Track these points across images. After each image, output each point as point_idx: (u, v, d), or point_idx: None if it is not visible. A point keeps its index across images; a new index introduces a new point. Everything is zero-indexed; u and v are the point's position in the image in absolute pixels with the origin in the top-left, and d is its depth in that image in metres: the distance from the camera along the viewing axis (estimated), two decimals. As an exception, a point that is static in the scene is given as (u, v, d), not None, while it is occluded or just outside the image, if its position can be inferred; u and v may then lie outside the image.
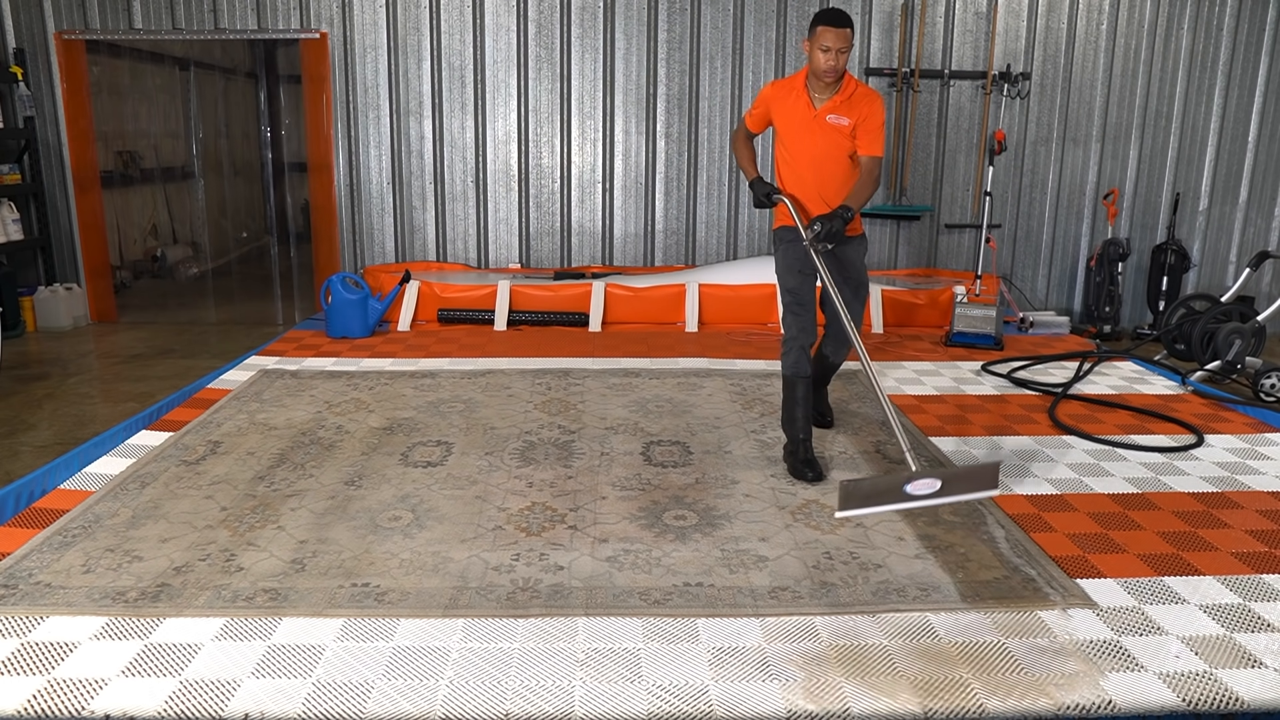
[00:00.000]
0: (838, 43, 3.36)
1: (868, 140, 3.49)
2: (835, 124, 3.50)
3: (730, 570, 2.73)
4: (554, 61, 6.82)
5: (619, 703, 2.09)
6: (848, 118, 3.49)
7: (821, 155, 3.54)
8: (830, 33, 3.36)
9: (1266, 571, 2.74)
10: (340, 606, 2.50)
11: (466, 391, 4.57)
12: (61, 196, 6.94)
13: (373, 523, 3.04)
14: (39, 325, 6.71)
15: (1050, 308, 7.24)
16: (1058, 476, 3.50)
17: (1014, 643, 2.34)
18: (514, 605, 2.52)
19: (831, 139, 3.52)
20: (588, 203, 7.05)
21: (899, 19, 6.76)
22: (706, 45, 6.81)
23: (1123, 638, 2.37)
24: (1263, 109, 6.99)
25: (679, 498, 3.27)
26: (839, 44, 3.36)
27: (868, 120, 3.48)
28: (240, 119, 9.71)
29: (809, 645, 2.33)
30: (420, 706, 2.08)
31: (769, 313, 6.20)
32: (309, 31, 6.70)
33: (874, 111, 3.49)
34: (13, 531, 2.96)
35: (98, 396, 5.07)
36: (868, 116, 3.48)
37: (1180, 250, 6.95)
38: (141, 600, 2.53)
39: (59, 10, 6.63)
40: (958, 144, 6.99)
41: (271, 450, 3.72)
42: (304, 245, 8.18)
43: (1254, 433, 4.06)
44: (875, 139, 3.50)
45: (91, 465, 3.54)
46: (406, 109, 6.86)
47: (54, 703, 2.07)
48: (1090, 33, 6.86)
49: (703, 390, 4.63)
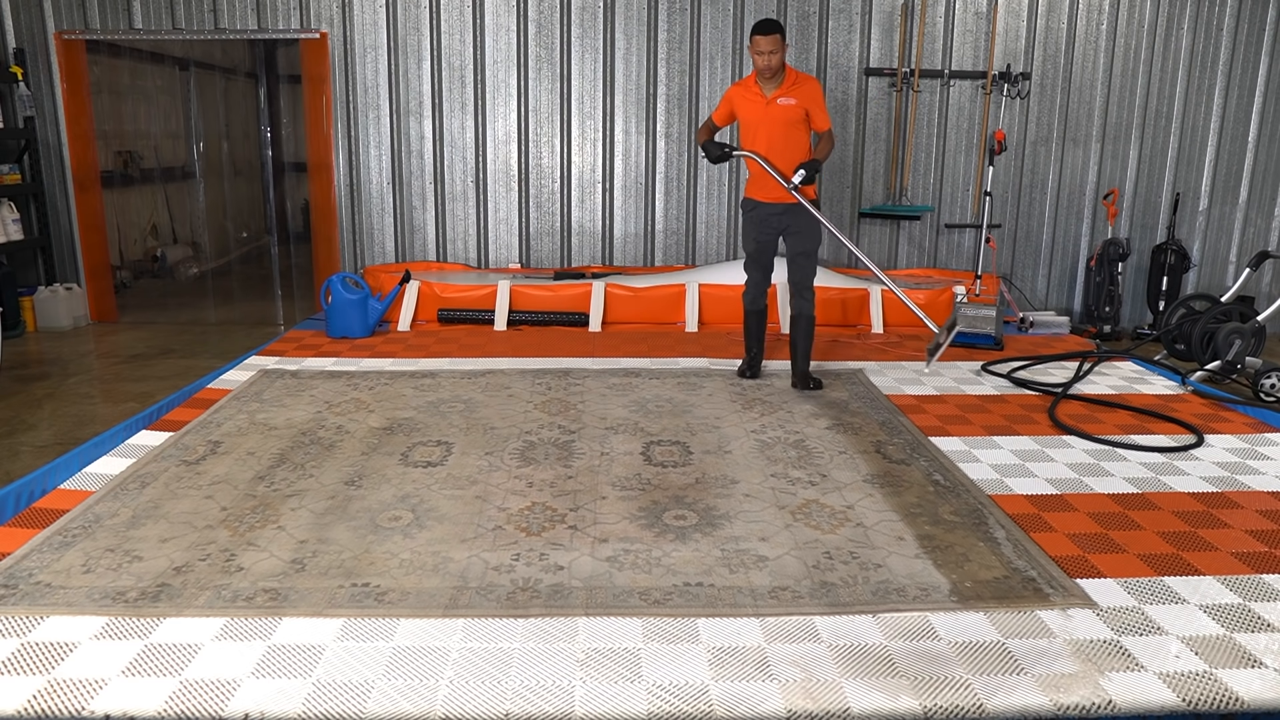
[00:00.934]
0: (768, 46, 4.29)
1: (819, 117, 4.46)
2: (785, 104, 4.41)
3: (730, 570, 2.73)
4: (554, 61, 6.83)
5: (619, 703, 2.09)
6: (794, 98, 4.41)
7: (778, 133, 4.44)
8: (761, 39, 4.29)
9: (1266, 571, 2.74)
10: (340, 606, 2.50)
11: (466, 391, 4.57)
12: (61, 196, 6.94)
13: (373, 523, 3.04)
14: (39, 325, 6.71)
15: (1050, 308, 7.24)
16: (1058, 476, 3.50)
17: (1014, 643, 2.34)
18: (514, 605, 2.52)
19: (784, 116, 4.42)
20: (588, 203, 7.05)
21: (899, 19, 6.76)
22: (706, 45, 6.81)
23: (1123, 638, 2.37)
24: (1263, 109, 6.99)
25: (679, 498, 3.27)
26: (769, 47, 4.29)
27: (813, 100, 4.43)
28: (240, 119, 9.72)
29: (809, 645, 2.33)
30: (420, 706, 2.08)
31: (769, 312, 6.18)
32: (309, 31, 6.71)
33: (814, 90, 4.45)
34: (13, 531, 2.96)
35: (98, 396, 5.07)
36: (811, 96, 4.43)
37: (1180, 250, 6.95)
38: (141, 600, 2.52)
39: (59, 10, 6.63)
40: (958, 144, 6.99)
41: (271, 450, 3.72)
42: (304, 245, 8.19)
43: (1254, 433, 4.06)
44: (823, 114, 4.47)
45: (91, 465, 3.53)
46: (406, 109, 6.86)
47: (54, 703, 2.07)
48: (1090, 33, 6.86)
49: (703, 390, 4.63)
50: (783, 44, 4.34)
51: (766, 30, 4.31)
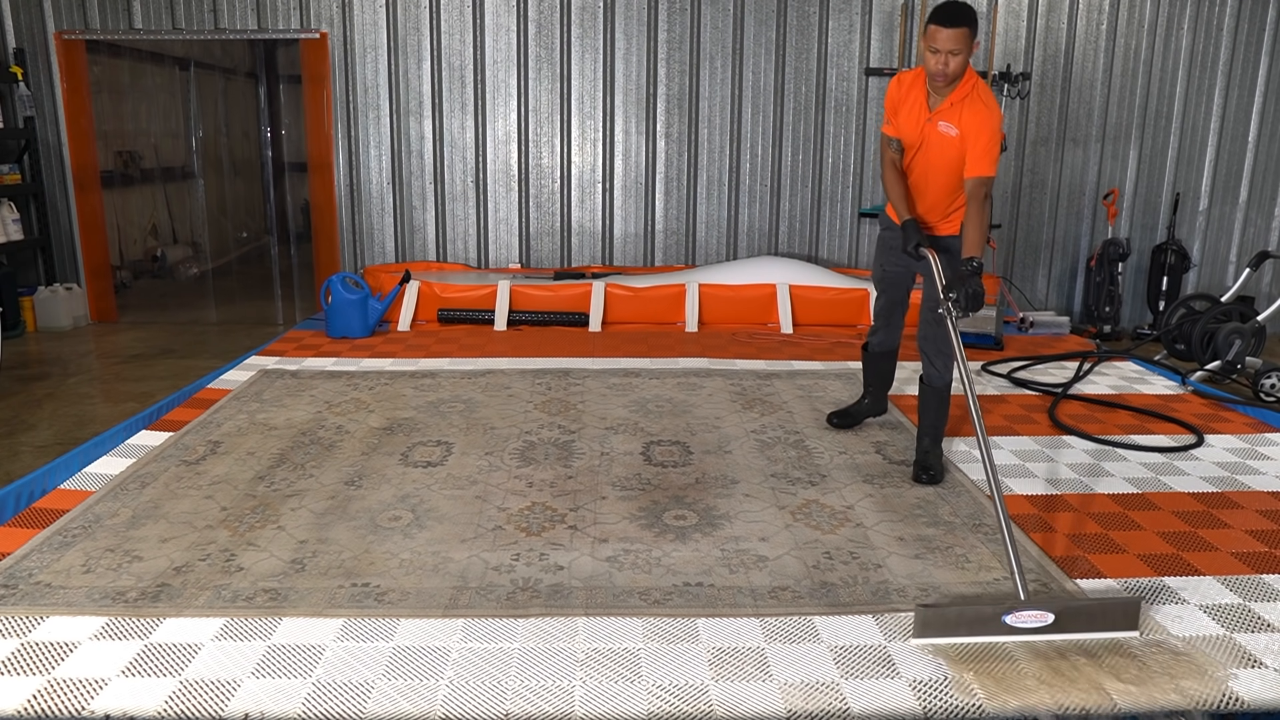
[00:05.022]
0: (949, 44, 3.03)
1: (973, 158, 3.09)
2: (945, 133, 3.17)
3: (730, 570, 2.73)
4: (554, 61, 6.83)
5: (619, 703, 2.09)
6: (956, 126, 3.14)
7: (936, 169, 3.24)
8: (940, 33, 3.04)
9: (1266, 571, 2.74)
10: (340, 606, 2.50)
11: (466, 391, 4.57)
12: (61, 196, 6.94)
13: (373, 523, 3.04)
14: (39, 325, 6.71)
15: (1050, 308, 7.24)
16: (1058, 476, 3.50)
17: (1014, 643, 2.34)
18: (514, 605, 2.52)
19: (941, 147, 3.19)
20: (588, 203, 7.06)
21: (899, 19, 6.76)
22: (706, 45, 6.81)
23: (1123, 637, 2.37)
24: (1263, 109, 6.99)
25: (679, 498, 3.27)
26: (950, 45, 3.03)
27: (977, 134, 3.09)
28: (240, 119, 9.72)
29: (809, 645, 2.33)
30: (420, 706, 2.08)
31: (769, 313, 6.20)
32: (309, 31, 6.71)
33: (982, 123, 3.09)
34: (13, 531, 2.96)
35: (98, 396, 5.07)
36: (976, 129, 3.09)
37: (1180, 250, 6.95)
38: (141, 600, 2.52)
39: (59, 10, 6.63)
40: (958, 144, 6.99)
41: (271, 450, 3.72)
42: (304, 245, 8.19)
43: (1254, 433, 4.06)
44: (981, 157, 3.07)
45: (91, 465, 3.53)
46: (406, 109, 6.86)
47: (54, 703, 2.07)
48: (1090, 33, 6.86)
49: (703, 390, 4.63)
50: (971, 42, 3.06)
51: (949, 21, 3.03)
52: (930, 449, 3.46)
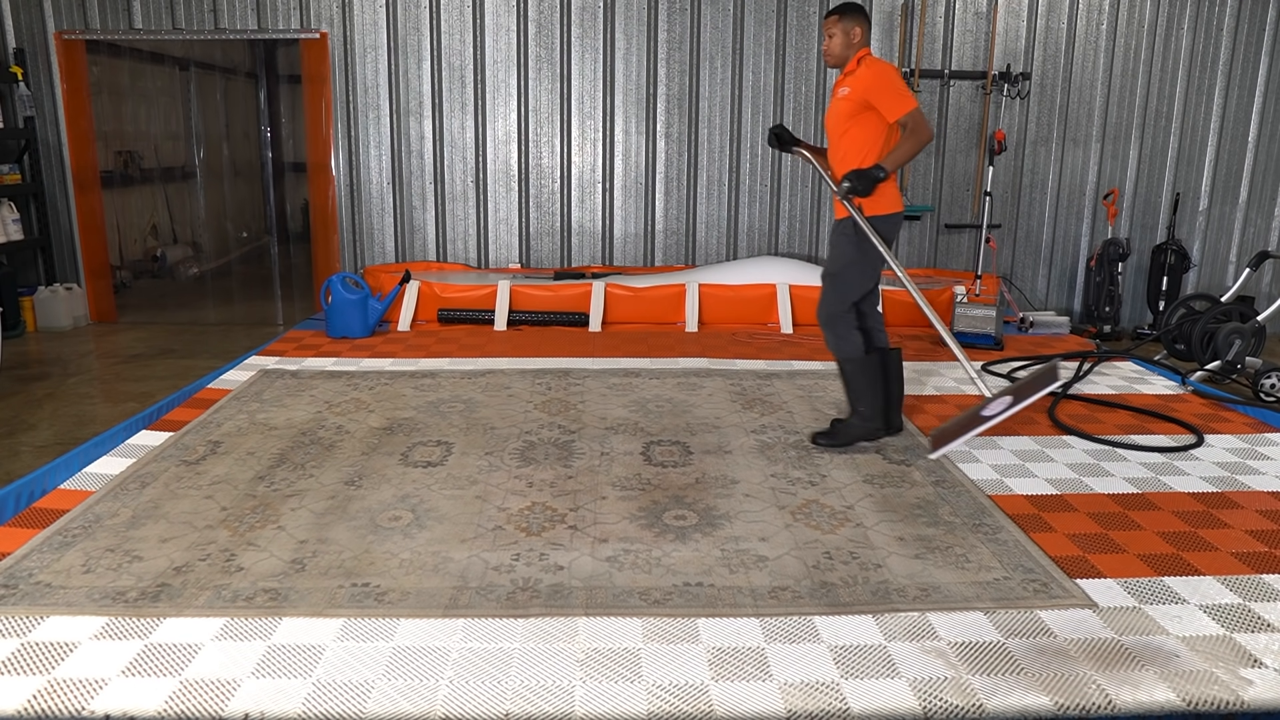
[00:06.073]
0: (826, 29, 3.77)
1: (885, 104, 3.54)
2: (839, 95, 3.73)
3: (730, 570, 2.73)
4: (554, 61, 6.83)
5: (619, 703, 2.09)
6: (849, 87, 3.68)
7: (836, 130, 3.77)
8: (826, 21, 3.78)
9: (1266, 571, 2.74)
10: (340, 606, 2.50)
11: (466, 391, 4.57)
12: (61, 196, 6.94)
13: (373, 523, 3.04)
14: (39, 325, 6.71)
15: (1050, 308, 7.24)
16: (1058, 476, 3.50)
17: (1014, 643, 2.34)
18: (514, 605, 2.52)
19: (837, 110, 3.73)
20: (588, 203, 7.05)
21: (899, 19, 6.76)
22: (706, 45, 6.81)
23: (1123, 637, 2.37)
24: (1263, 109, 6.99)
25: (679, 498, 3.27)
26: (827, 30, 3.77)
27: (870, 85, 3.57)
28: (240, 119, 9.72)
29: (809, 645, 2.33)
30: (420, 706, 2.08)
31: (769, 313, 6.20)
32: (309, 31, 6.70)
33: (873, 75, 3.59)
34: (13, 531, 2.96)
35: (98, 396, 5.07)
36: (868, 82, 3.58)
37: (1180, 250, 6.94)
38: (141, 600, 2.52)
39: (59, 10, 6.63)
40: (958, 144, 6.99)
41: (271, 450, 3.72)
42: (304, 245, 8.19)
43: (1254, 433, 4.06)
44: (889, 99, 3.52)
45: (91, 465, 3.54)
46: (406, 109, 6.86)
47: (54, 703, 2.07)
48: (1090, 33, 6.86)
49: (703, 390, 4.63)
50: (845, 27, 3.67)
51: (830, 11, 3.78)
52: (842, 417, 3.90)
